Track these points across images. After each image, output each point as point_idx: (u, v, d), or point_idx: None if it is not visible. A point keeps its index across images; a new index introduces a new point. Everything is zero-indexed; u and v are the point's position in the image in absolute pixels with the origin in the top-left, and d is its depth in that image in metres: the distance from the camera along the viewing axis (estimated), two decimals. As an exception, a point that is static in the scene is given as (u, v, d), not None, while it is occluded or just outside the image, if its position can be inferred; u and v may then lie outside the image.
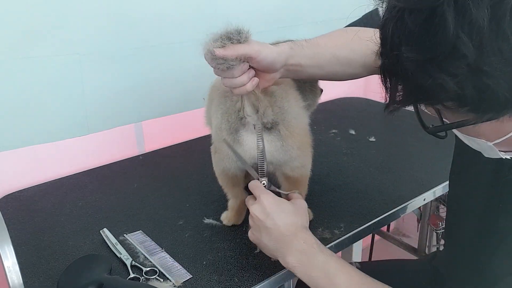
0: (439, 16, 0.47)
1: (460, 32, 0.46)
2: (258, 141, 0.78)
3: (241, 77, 0.72)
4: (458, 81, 0.48)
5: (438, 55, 0.48)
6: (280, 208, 0.75)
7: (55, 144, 1.14)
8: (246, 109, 0.77)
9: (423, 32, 0.49)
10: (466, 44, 0.46)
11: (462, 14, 0.46)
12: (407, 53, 0.50)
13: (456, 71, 0.48)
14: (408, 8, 0.49)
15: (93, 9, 1.08)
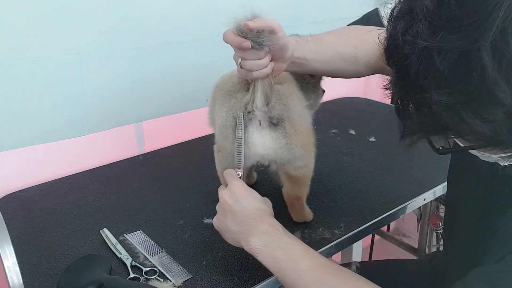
0: (475, 60, 0.44)
1: (498, 79, 0.43)
2: (238, 129, 0.79)
3: (265, 58, 0.73)
4: (491, 126, 0.46)
5: (472, 100, 0.45)
6: (249, 193, 0.76)
7: (55, 144, 1.14)
8: (256, 101, 0.77)
9: (455, 74, 0.45)
10: (505, 92, 0.43)
11: (501, 60, 0.43)
12: (436, 97, 0.47)
13: (492, 117, 0.45)
14: (436, 48, 0.46)
15: (93, 9, 1.08)
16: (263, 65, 0.74)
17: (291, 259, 0.68)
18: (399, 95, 0.53)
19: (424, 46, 0.46)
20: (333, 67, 0.86)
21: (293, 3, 1.45)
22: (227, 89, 0.83)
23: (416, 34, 0.47)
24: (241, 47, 0.71)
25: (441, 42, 0.45)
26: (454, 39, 0.45)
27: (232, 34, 0.71)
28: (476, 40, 0.43)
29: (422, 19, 0.47)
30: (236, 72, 0.86)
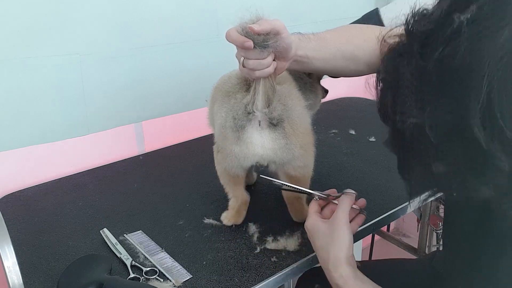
0: (467, 133, 0.43)
1: (494, 149, 0.42)
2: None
3: (268, 58, 0.73)
4: (496, 189, 0.45)
5: (471, 169, 0.45)
6: (315, 237, 0.76)
7: (55, 144, 1.14)
8: (257, 102, 0.77)
9: (450, 147, 0.45)
10: (501, 160, 0.43)
11: (493, 133, 0.42)
12: (435, 168, 0.47)
13: (493, 178, 0.45)
14: (427, 123, 0.45)
15: (93, 9, 1.09)
16: (266, 64, 0.73)
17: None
18: (399, 158, 0.52)
19: (415, 123, 0.46)
20: (335, 65, 0.86)
21: (293, 3, 1.45)
22: (227, 89, 0.83)
23: (405, 109, 0.47)
24: (243, 47, 0.71)
25: (430, 117, 0.45)
26: (442, 114, 0.44)
27: (235, 32, 0.71)
28: (464, 115, 0.43)
29: (408, 93, 0.47)
30: (236, 73, 0.86)
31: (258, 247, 0.86)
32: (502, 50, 0.41)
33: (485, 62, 0.42)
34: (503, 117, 0.42)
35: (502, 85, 0.41)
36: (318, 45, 0.83)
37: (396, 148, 0.52)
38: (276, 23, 0.71)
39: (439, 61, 0.44)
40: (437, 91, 0.45)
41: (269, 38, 0.71)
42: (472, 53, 0.42)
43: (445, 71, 0.44)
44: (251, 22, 0.70)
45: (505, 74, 0.41)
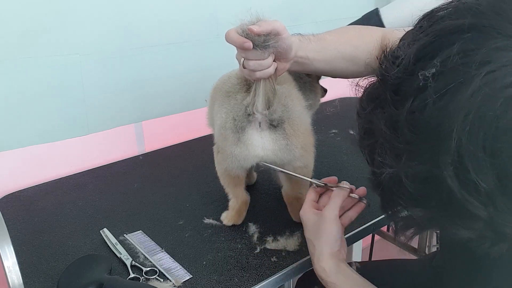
0: (441, 182, 0.44)
1: (468, 198, 0.43)
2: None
3: (268, 59, 0.73)
4: (475, 232, 0.46)
5: (449, 215, 0.46)
6: (305, 228, 0.77)
7: (55, 144, 1.14)
8: (257, 104, 0.77)
9: (426, 195, 0.46)
10: (477, 207, 0.43)
11: (467, 183, 0.43)
12: (415, 214, 0.48)
13: (472, 226, 0.45)
14: (403, 172, 0.46)
15: (93, 10, 1.08)
16: (266, 65, 0.73)
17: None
18: (381, 201, 0.54)
19: (392, 172, 0.47)
20: (335, 66, 0.86)
21: (293, 4, 1.45)
22: (226, 89, 0.83)
23: (381, 159, 0.48)
24: (243, 47, 0.71)
25: (405, 166, 0.46)
26: (416, 164, 0.45)
27: (235, 33, 0.71)
28: (437, 165, 0.44)
29: (383, 143, 0.48)
30: (235, 73, 0.85)
31: (258, 247, 0.86)
32: (468, 106, 0.42)
33: (452, 117, 0.42)
34: (475, 171, 0.42)
35: (471, 140, 0.42)
36: (318, 46, 0.83)
37: (376, 191, 0.54)
38: (276, 24, 0.71)
39: (410, 112, 0.45)
40: (409, 142, 0.46)
41: (269, 39, 0.71)
42: (439, 108, 0.43)
43: (415, 123, 0.45)
44: (251, 23, 0.70)
45: (473, 130, 0.42)
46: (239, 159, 0.82)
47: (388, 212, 0.54)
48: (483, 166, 0.42)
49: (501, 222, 0.44)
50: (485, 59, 0.42)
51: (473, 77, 0.42)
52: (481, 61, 0.42)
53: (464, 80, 0.42)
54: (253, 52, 0.72)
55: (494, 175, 0.42)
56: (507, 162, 0.41)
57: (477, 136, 0.42)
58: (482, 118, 0.41)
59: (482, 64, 0.42)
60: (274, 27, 0.70)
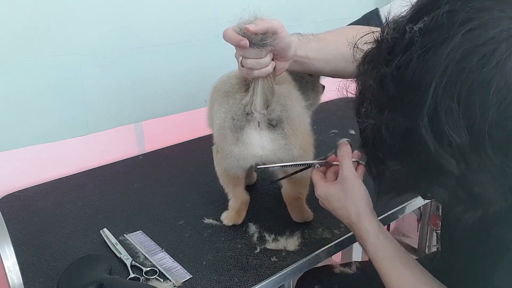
0: (417, 135, 0.46)
1: (442, 152, 0.46)
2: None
3: (266, 57, 0.73)
4: (448, 190, 0.49)
5: (424, 169, 0.48)
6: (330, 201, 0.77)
7: (55, 144, 1.14)
8: (255, 103, 0.77)
9: (404, 148, 0.49)
10: (450, 162, 0.46)
11: (441, 136, 0.45)
12: (392, 166, 0.51)
13: (445, 182, 0.48)
14: (384, 125, 0.49)
15: (93, 10, 1.09)
16: (264, 63, 0.73)
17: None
18: (367, 160, 0.57)
19: (373, 124, 0.50)
20: (334, 66, 0.86)
21: (293, 4, 1.45)
22: (226, 89, 0.83)
23: (366, 112, 0.52)
24: (239, 45, 0.71)
25: (387, 119, 0.49)
26: (397, 116, 0.48)
27: (231, 31, 0.71)
28: (415, 117, 0.46)
29: (369, 97, 0.51)
30: (235, 73, 0.85)
31: (258, 247, 0.86)
32: (447, 60, 0.45)
33: (432, 70, 0.45)
34: (449, 123, 0.45)
35: (447, 92, 0.45)
36: (318, 46, 0.83)
37: (364, 153, 0.57)
38: (274, 22, 0.71)
39: (396, 68, 0.48)
40: (393, 96, 0.48)
41: (267, 37, 0.71)
42: (422, 62, 0.46)
43: (400, 77, 0.48)
44: (248, 22, 0.70)
45: (449, 82, 0.44)
46: (238, 158, 0.82)
47: (373, 169, 0.56)
48: (456, 119, 0.44)
49: (472, 180, 0.46)
50: (468, 17, 0.45)
51: (455, 33, 0.45)
52: (464, 19, 0.45)
53: (447, 36, 0.45)
54: (251, 51, 0.72)
55: (466, 129, 0.44)
56: (478, 116, 0.44)
57: (453, 88, 0.44)
58: (460, 72, 0.44)
59: (464, 22, 0.45)
60: (271, 26, 0.70)
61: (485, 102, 0.43)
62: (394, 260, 0.71)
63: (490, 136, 0.44)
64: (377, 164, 0.55)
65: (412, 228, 1.93)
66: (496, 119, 0.43)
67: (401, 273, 0.70)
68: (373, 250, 0.72)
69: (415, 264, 0.71)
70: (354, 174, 0.75)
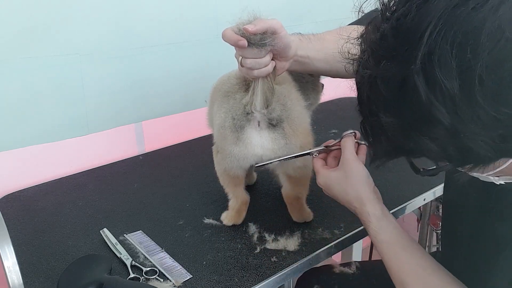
0: (410, 83, 0.47)
1: (433, 100, 0.46)
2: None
3: (266, 57, 0.73)
4: (438, 144, 0.49)
5: (415, 120, 0.49)
6: (331, 187, 0.77)
7: (55, 144, 1.14)
8: (255, 102, 0.77)
9: (398, 98, 0.49)
10: (440, 111, 0.46)
11: (433, 83, 0.46)
12: (385, 119, 0.51)
13: (436, 135, 0.48)
14: (379, 76, 0.50)
15: (93, 9, 1.08)
16: (264, 63, 0.74)
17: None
18: (363, 124, 0.57)
19: (369, 75, 0.51)
20: (335, 66, 0.86)
21: (293, 3, 1.45)
22: (226, 89, 0.83)
23: (363, 64, 0.52)
24: (238, 45, 0.71)
25: (383, 70, 0.49)
26: (393, 66, 0.48)
27: (230, 32, 0.71)
28: (409, 65, 0.47)
29: (367, 49, 0.52)
30: (235, 73, 0.86)
31: (258, 247, 0.86)
32: (445, 5, 0.46)
33: (429, 17, 0.46)
34: (441, 69, 0.45)
35: (442, 36, 0.45)
36: (319, 46, 0.83)
37: (358, 111, 0.57)
38: (272, 22, 0.71)
39: (396, 20, 0.49)
40: (392, 45, 0.49)
41: (266, 37, 0.71)
42: (420, 10, 0.47)
43: (399, 27, 0.49)
44: (247, 22, 0.71)
45: (445, 26, 0.45)
46: (238, 158, 0.82)
47: (367, 129, 0.57)
48: (449, 63, 0.45)
49: (463, 131, 0.47)
50: None
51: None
52: None
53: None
54: (250, 50, 0.72)
55: (456, 73, 0.45)
56: (470, 59, 0.44)
57: (448, 32, 0.45)
58: (455, 17, 0.45)
59: None
60: (270, 26, 0.71)
61: (477, 46, 0.44)
62: (395, 244, 0.71)
63: (481, 82, 0.44)
64: (371, 120, 0.55)
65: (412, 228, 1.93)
66: (487, 63, 0.44)
67: (400, 257, 0.70)
68: (374, 234, 0.72)
69: (416, 249, 0.71)
70: (355, 157, 0.75)
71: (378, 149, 0.58)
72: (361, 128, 0.58)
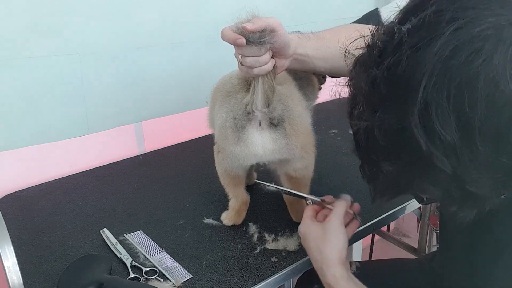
0: (409, 134, 0.47)
1: (434, 150, 0.46)
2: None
3: (265, 55, 0.73)
4: (441, 188, 0.49)
5: (416, 168, 0.49)
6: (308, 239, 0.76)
7: (55, 144, 1.14)
8: (256, 101, 0.77)
9: (397, 148, 0.49)
10: (441, 160, 0.46)
11: (432, 134, 0.45)
12: (385, 167, 0.51)
13: (438, 180, 0.48)
14: (376, 126, 0.50)
15: (94, 9, 1.08)
16: (263, 61, 0.74)
17: None
18: (360, 161, 0.57)
19: (366, 125, 0.51)
20: (334, 65, 0.86)
21: (293, 3, 1.45)
22: (227, 89, 0.83)
23: (358, 114, 0.52)
24: (236, 44, 0.71)
25: (379, 120, 0.49)
26: (389, 117, 0.48)
27: (228, 30, 0.71)
28: (406, 117, 0.46)
29: (361, 99, 0.52)
30: (236, 74, 0.86)
31: (258, 247, 0.86)
32: (436, 57, 0.45)
33: (422, 69, 0.45)
34: (439, 120, 0.45)
35: (437, 89, 0.45)
36: (318, 44, 0.83)
37: (357, 155, 0.57)
38: (271, 20, 0.71)
39: (387, 69, 0.48)
40: (384, 97, 0.49)
41: (265, 35, 0.71)
42: (412, 61, 0.46)
43: (391, 78, 0.48)
44: (246, 21, 0.71)
45: (439, 79, 0.45)
46: (239, 158, 0.82)
47: (367, 172, 0.57)
48: (446, 115, 0.44)
49: (465, 177, 0.47)
50: (455, 15, 0.45)
51: (443, 32, 0.45)
52: (451, 18, 0.45)
53: (435, 35, 0.46)
54: (249, 49, 0.72)
55: (456, 125, 0.45)
56: (468, 113, 0.44)
57: (442, 85, 0.44)
58: (448, 69, 0.44)
59: (451, 21, 0.45)
60: (268, 24, 0.71)
61: (474, 98, 0.44)
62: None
63: (480, 131, 0.44)
64: (371, 166, 0.55)
65: (412, 228, 1.94)
66: (485, 114, 0.44)
67: None
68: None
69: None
70: (341, 221, 0.75)
71: (378, 190, 0.58)
72: (361, 171, 0.58)
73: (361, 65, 0.54)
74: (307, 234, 0.76)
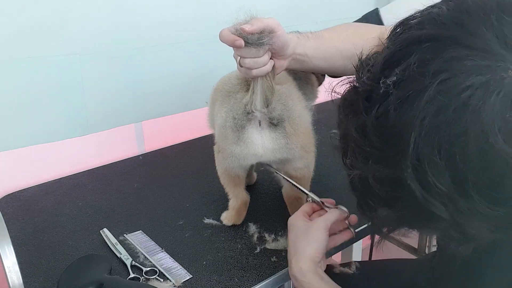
0: (404, 185, 0.46)
1: (430, 199, 0.45)
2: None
3: (264, 56, 0.73)
4: (441, 233, 0.50)
5: (414, 215, 0.48)
6: (291, 231, 0.77)
7: (55, 144, 1.14)
8: (255, 102, 0.77)
9: (393, 196, 0.49)
10: (439, 208, 0.45)
11: (427, 186, 0.45)
12: (383, 213, 0.51)
13: (437, 226, 0.48)
14: (370, 175, 0.49)
15: (93, 9, 1.08)
16: (262, 62, 0.74)
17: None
18: (357, 202, 0.56)
19: (360, 174, 0.50)
20: (333, 64, 0.86)
21: (292, 4, 1.45)
22: (227, 90, 0.84)
23: (351, 163, 0.51)
24: (234, 45, 0.71)
25: (372, 169, 0.48)
26: (381, 167, 0.48)
27: (227, 32, 0.71)
28: (399, 168, 0.46)
29: (353, 147, 0.51)
30: (235, 74, 0.86)
31: (258, 247, 0.86)
32: (424, 113, 0.44)
33: (410, 123, 0.45)
34: (433, 173, 0.44)
35: (427, 144, 0.44)
36: (317, 44, 0.83)
37: (352, 191, 0.56)
38: (270, 21, 0.71)
39: (376, 118, 0.47)
40: (376, 147, 0.48)
41: (263, 36, 0.71)
42: (400, 114, 0.45)
43: (381, 128, 0.47)
44: (244, 22, 0.71)
45: (428, 135, 0.44)
46: (239, 158, 0.82)
47: (365, 211, 0.56)
48: (439, 169, 0.44)
49: (463, 222, 0.46)
50: (440, 68, 0.44)
51: (428, 85, 0.44)
52: (436, 70, 0.44)
53: (420, 88, 0.44)
54: (248, 50, 0.72)
55: (450, 178, 0.44)
56: (461, 166, 0.43)
57: (433, 141, 0.44)
58: (437, 124, 0.43)
59: (436, 73, 0.44)
60: (267, 25, 0.71)
61: (465, 152, 0.43)
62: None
63: (474, 184, 0.44)
64: (368, 209, 0.55)
65: (412, 228, 1.93)
66: (478, 167, 0.43)
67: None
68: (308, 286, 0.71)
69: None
70: (326, 226, 0.75)
71: (377, 226, 0.58)
72: (358, 207, 0.58)
73: (349, 105, 0.53)
74: (292, 226, 0.77)
